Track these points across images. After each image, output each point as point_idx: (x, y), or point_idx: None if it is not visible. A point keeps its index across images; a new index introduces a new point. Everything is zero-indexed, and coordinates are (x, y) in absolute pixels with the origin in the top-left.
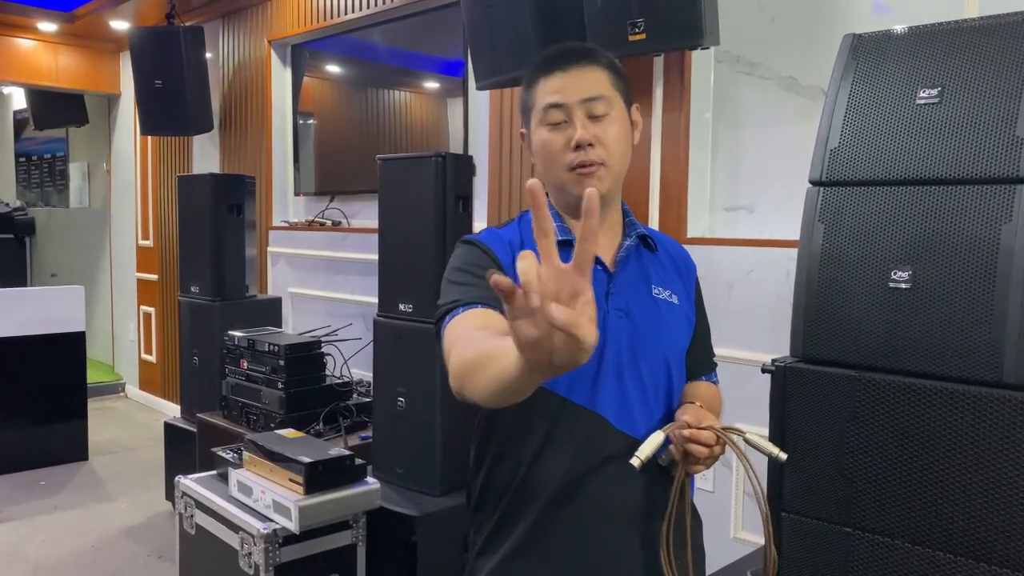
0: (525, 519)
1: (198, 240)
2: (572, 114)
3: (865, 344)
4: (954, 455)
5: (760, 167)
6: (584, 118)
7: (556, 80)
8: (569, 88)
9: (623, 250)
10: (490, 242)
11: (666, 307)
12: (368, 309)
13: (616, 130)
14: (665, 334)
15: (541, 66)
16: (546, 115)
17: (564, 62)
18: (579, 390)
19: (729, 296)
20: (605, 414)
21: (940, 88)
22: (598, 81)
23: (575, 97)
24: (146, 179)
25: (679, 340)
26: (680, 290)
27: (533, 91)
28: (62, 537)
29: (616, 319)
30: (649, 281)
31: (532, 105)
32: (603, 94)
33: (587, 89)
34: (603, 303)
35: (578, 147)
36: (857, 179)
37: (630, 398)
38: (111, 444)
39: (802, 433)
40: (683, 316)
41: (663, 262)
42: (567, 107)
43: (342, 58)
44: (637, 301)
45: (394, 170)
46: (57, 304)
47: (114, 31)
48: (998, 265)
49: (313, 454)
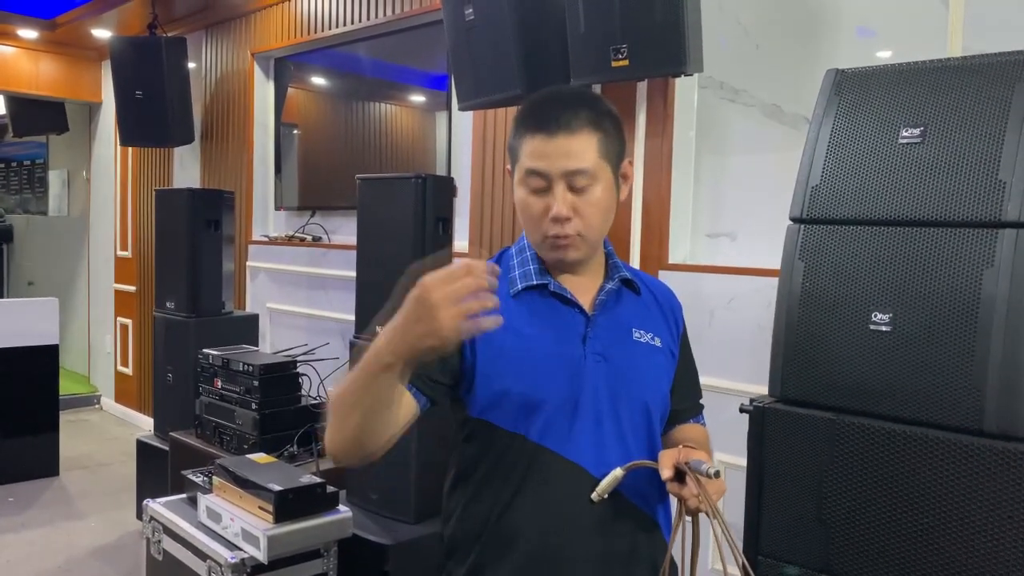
0: (497, 571)
1: (175, 255)
2: (553, 183)
3: (844, 386)
4: (932, 502)
5: (743, 194)
6: (564, 191)
7: (543, 143)
8: (552, 156)
9: (603, 293)
10: None
11: (647, 351)
12: (348, 326)
13: (597, 201)
14: (645, 378)
15: (529, 118)
16: (527, 178)
17: (553, 124)
18: (553, 436)
19: (710, 324)
20: (581, 461)
21: (923, 128)
22: (584, 151)
23: (557, 168)
24: (126, 189)
25: (659, 384)
26: (664, 332)
27: (519, 142)
28: (28, 557)
29: (594, 363)
30: (630, 324)
31: (517, 158)
32: (586, 168)
33: (571, 160)
34: (580, 347)
35: (555, 219)
36: (838, 218)
37: (607, 443)
38: (83, 459)
39: (780, 474)
40: (665, 359)
41: (647, 304)
42: (548, 176)
43: (327, 70)
44: (616, 344)
45: (374, 190)
46: (31, 316)
47: (96, 39)
48: (980, 310)
49: (283, 481)
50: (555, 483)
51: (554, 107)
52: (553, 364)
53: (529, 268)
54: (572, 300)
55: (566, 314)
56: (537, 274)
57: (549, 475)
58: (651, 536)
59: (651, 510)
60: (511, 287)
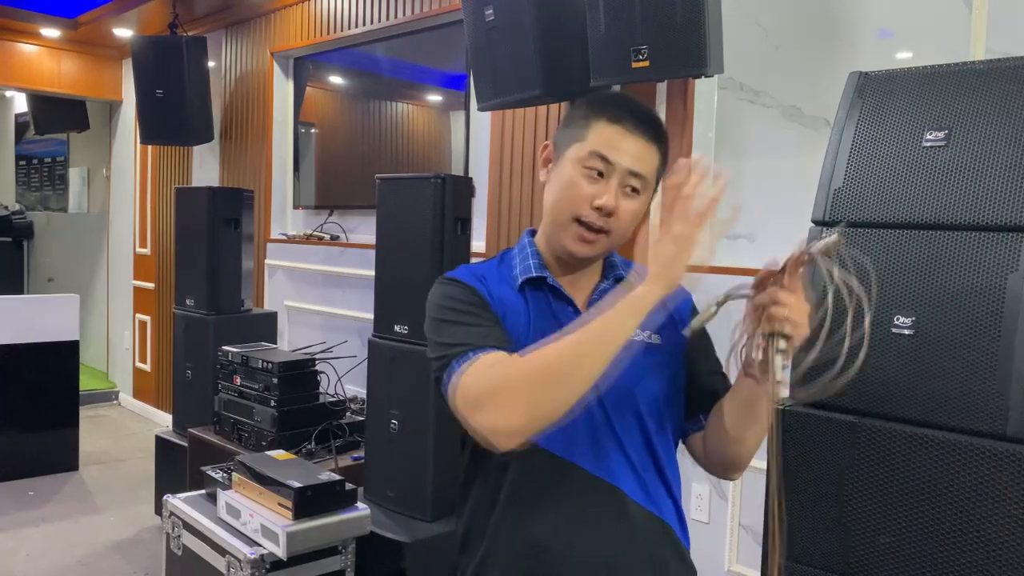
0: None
1: (194, 253)
2: (611, 175)
3: (866, 389)
4: (955, 506)
5: (762, 196)
6: (618, 186)
7: (619, 135)
8: (625, 151)
9: (596, 293)
10: (470, 280)
11: (642, 349)
12: (365, 325)
13: (636, 211)
14: (637, 380)
15: (611, 107)
16: (588, 159)
17: (635, 123)
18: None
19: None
20: (581, 463)
21: (947, 131)
22: (651, 161)
23: (625, 163)
24: (145, 187)
25: (654, 384)
26: (666, 327)
27: (588, 124)
28: (48, 551)
29: None
30: None
31: (580, 138)
32: (647, 175)
33: (638, 163)
34: None
35: (598, 209)
36: (861, 221)
37: (605, 445)
38: (102, 454)
39: (801, 477)
40: (665, 356)
41: None
42: (612, 167)
43: (345, 70)
44: None
45: (393, 190)
46: (52, 313)
47: (117, 38)
48: (1004, 315)
49: (303, 478)
50: (559, 484)
51: (636, 109)
52: None
53: (530, 263)
54: (567, 296)
55: (560, 312)
56: (537, 268)
57: (552, 476)
58: (663, 538)
59: (661, 512)
60: (514, 284)
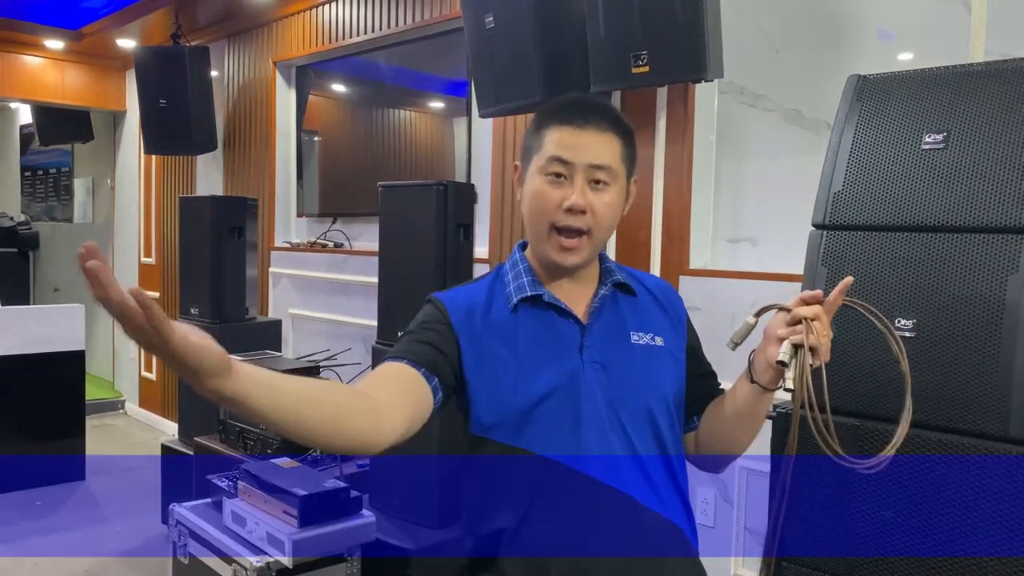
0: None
1: (198, 262)
2: (574, 175)
3: (868, 392)
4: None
5: (764, 199)
6: (584, 183)
7: (569, 134)
8: (580, 147)
9: (596, 300)
10: (450, 302)
11: (647, 352)
12: (369, 332)
13: (610, 201)
14: (645, 382)
15: (557, 112)
16: (548, 165)
17: (582, 118)
18: (560, 449)
19: (732, 330)
20: (592, 472)
21: (946, 133)
22: (610, 149)
23: (583, 159)
24: (150, 197)
25: (662, 385)
26: (667, 330)
27: (542, 134)
28: (55, 561)
29: (592, 372)
30: (627, 328)
31: (536, 148)
32: (610, 164)
33: (597, 155)
34: (577, 357)
35: (569, 210)
36: (861, 224)
37: (616, 452)
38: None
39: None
40: (669, 357)
41: (644, 304)
42: (572, 166)
43: (347, 77)
44: (614, 351)
45: (395, 197)
46: (58, 323)
47: (121, 49)
48: (1004, 316)
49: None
50: (567, 496)
51: (584, 105)
52: (551, 377)
53: (523, 280)
54: (566, 310)
55: (561, 325)
56: (531, 285)
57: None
58: (674, 542)
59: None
60: (508, 302)
